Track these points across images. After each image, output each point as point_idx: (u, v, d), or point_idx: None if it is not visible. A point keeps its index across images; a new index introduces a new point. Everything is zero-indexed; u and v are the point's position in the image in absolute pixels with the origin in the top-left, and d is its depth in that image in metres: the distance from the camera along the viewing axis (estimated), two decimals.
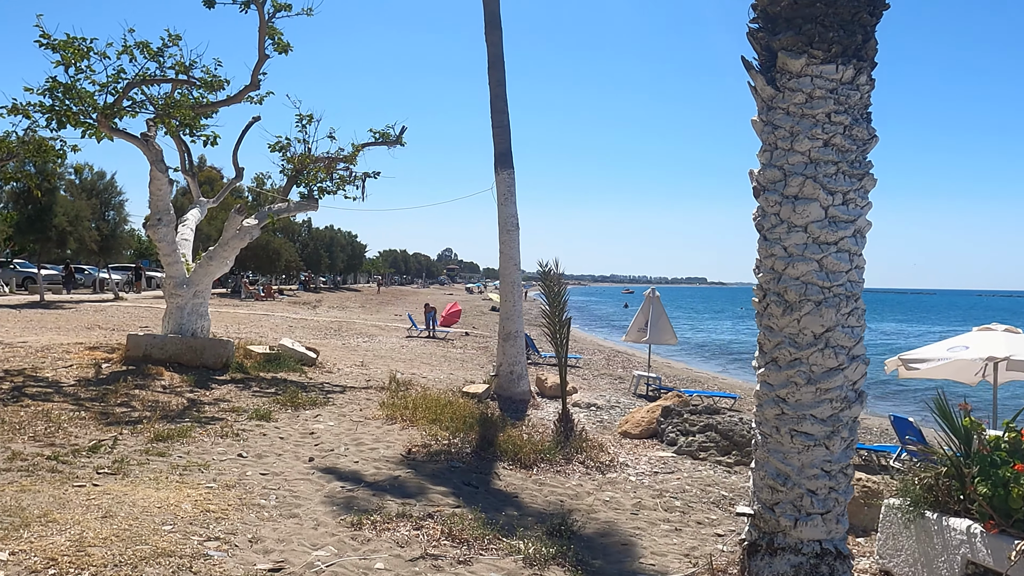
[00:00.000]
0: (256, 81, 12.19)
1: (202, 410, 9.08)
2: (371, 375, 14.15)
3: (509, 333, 12.32)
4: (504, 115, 12.54)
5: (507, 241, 12.38)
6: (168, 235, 12.13)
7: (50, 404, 8.55)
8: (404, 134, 14.19)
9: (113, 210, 34.88)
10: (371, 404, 10.44)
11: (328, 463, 7.06)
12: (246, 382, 11.44)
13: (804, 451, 4.41)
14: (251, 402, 9.90)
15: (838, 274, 4.40)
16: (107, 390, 9.68)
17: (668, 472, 8.39)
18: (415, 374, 15.46)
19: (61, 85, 10.98)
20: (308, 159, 13.17)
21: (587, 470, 7.94)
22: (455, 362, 20.59)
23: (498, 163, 12.52)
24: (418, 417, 9.08)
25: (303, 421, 8.97)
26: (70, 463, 6.22)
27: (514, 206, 12.46)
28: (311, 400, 10.18)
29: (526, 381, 12.42)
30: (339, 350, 19.96)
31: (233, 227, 12.30)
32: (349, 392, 11.48)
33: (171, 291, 12.35)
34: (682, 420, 9.81)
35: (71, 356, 12.09)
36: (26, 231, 29.22)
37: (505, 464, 7.68)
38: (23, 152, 15.51)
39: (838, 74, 4.36)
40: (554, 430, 9.33)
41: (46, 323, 20.60)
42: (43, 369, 10.77)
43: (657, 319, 17.04)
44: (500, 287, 12.54)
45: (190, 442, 7.37)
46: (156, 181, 11.89)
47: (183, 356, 11.89)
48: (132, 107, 11.68)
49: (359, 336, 26.25)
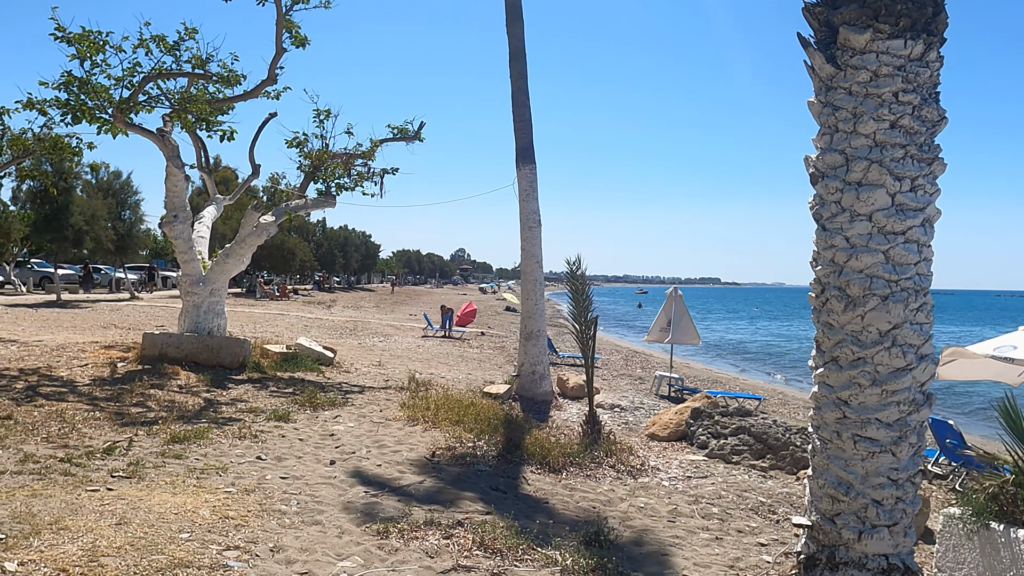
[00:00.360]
0: (273, 75, 11.95)
1: (219, 410, 8.84)
2: (389, 375, 13.89)
3: (531, 332, 12.02)
4: (526, 109, 12.24)
5: (529, 238, 12.08)
6: (184, 232, 11.92)
7: (64, 404, 8.34)
8: (423, 129, 13.92)
9: (129, 209, 34.89)
10: (391, 405, 10.16)
11: (350, 466, 6.78)
12: (263, 382, 11.20)
13: (868, 458, 4.07)
14: (269, 402, 9.65)
15: (906, 266, 4.06)
16: (122, 390, 9.46)
17: (701, 477, 8.05)
18: (433, 374, 15.19)
19: (76, 79, 10.79)
20: (326, 155, 12.91)
21: (618, 474, 7.61)
22: (472, 362, 20.32)
23: (519, 158, 12.22)
24: (440, 418, 8.79)
25: (322, 422, 8.71)
26: (83, 465, 5.98)
27: (536, 202, 12.16)
28: (330, 400, 9.92)
29: (548, 382, 12.11)
30: (356, 350, 19.75)
31: (250, 224, 12.06)
32: (368, 392, 11.21)
33: (187, 289, 12.14)
34: (713, 422, 9.46)
35: (86, 355, 11.90)
36: (43, 231, 29.25)
37: (532, 468, 7.37)
38: (39, 150, 15.41)
39: (906, 50, 4.03)
40: (581, 432, 9.02)
41: (62, 322, 20.52)
42: (58, 368, 10.58)
43: (680, 319, 16.68)
44: (522, 285, 12.25)
45: (207, 444, 7.12)
46: (172, 177, 11.68)
47: (199, 355, 11.68)
48: (148, 102, 11.47)
49: (375, 336, 26.05)
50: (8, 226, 25.66)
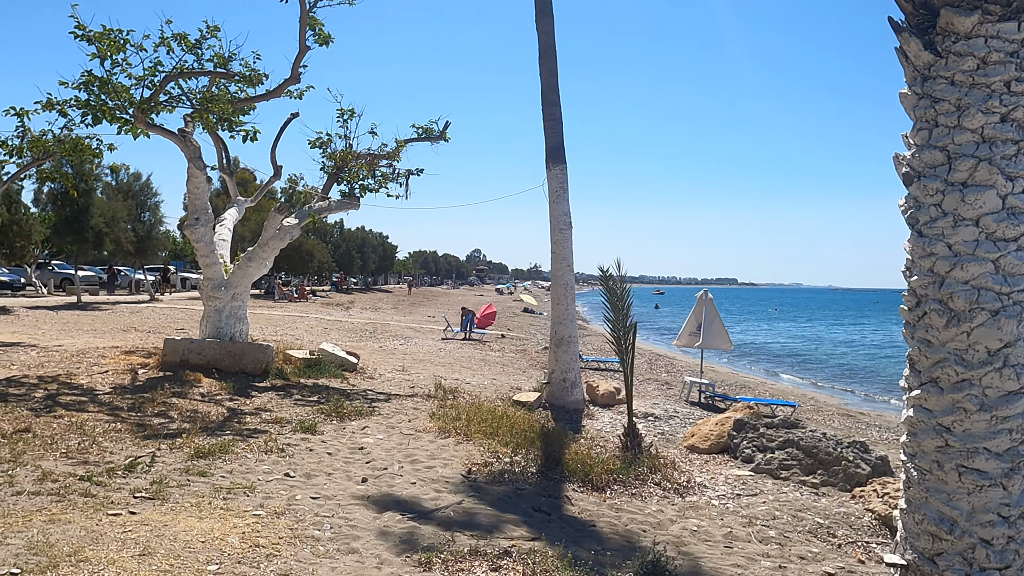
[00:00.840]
0: (296, 74, 11.63)
1: (243, 421, 8.51)
2: (414, 381, 13.53)
3: (562, 338, 11.61)
4: (556, 107, 11.83)
5: (559, 241, 11.67)
6: (206, 235, 11.63)
7: (84, 415, 8.04)
8: (448, 129, 13.56)
9: (149, 211, 34.87)
10: (420, 414, 9.79)
11: (383, 484, 6.41)
12: (287, 389, 10.88)
13: (975, 492, 3.63)
14: (294, 412, 9.32)
15: (1019, 277, 3.61)
16: (143, 399, 9.16)
17: (751, 494, 7.60)
18: (458, 380, 14.82)
19: (97, 79, 10.52)
20: (350, 156, 12.57)
21: (664, 493, 7.19)
22: (495, 366, 19.94)
23: (549, 158, 11.81)
24: (473, 431, 8.41)
25: (350, 434, 8.35)
26: (104, 485, 5.65)
27: (567, 204, 11.74)
28: (356, 410, 9.57)
29: (580, 389, 11.70)
30: (377, 353, 19.43)
31: (273, 227, 11.75)
32: (395, 400, 10.85)
33: (209, 293, 11.85)
34: (758, 435, 9.00)
35: (107, 361, 11.64)
36: (63, 233, 29.23)
37: (574, 486, 6.96)
38: (59, 151, 15.21)
39: (1020, 34, 3.58)
40: (620, 445, 8.59)
41: (82, 325, 20.37)
42: (78, 375, 10.31)
43: (710, 323, 16.19)
44: (552, 289, 11.84)
45: (233, 459, 6.77)
46: (194, 179, 11.39)
47: (221, 361, 11.38)
48: (169, 102, 11.19)
49: (395, 338, 25.74)
50: (29, 228, 25.63)
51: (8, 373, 10.28)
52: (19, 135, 14.96)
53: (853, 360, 34.81)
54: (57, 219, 29.33)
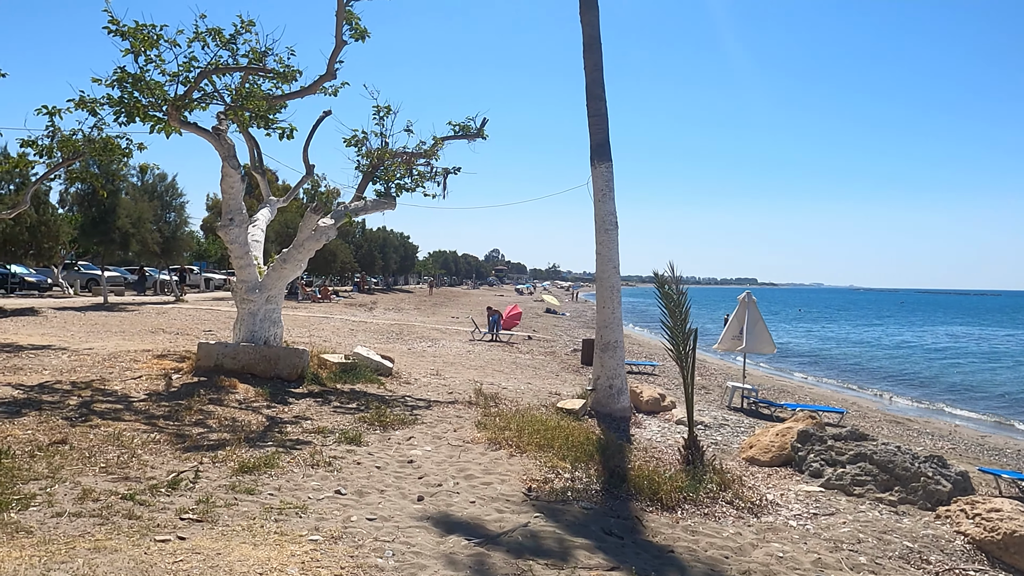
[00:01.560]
0: (332, 70, 11.25)
1: (285, 431, 8.13)
2: (451, 386, 13.12)
3: (608, 343, 11.13)
4: (601, 102, 11.36)
5: (605, 241, 11.20)
6: (240, 236, 11.29)
7: (121, 424, 7.70)
8: (485, 126, 13.12)
9: (174, 212, 34.81)
10: (464, 423, 9.37)
11: (441, 504, 5.98)
12: (324, 396, 10.51)
13: None
14: (335, 420, 8.92)
15: None
16: (180, 406, 8.82)
17: (828, 514, 7.09)
18: (493, 384, 14.40)
19: (130, 76, 10.21)
20: (387, 154, 12.18)
21: (738, 512, 6.70)
22: (527, 369, 19.50)
23: (594, 155, 11.35)
24: (526, 442, 7.96)
25: (396, 445, 7.94)
26: (148, 504, 5.27)
27: (613, 203, 11.28)
28: (399, 419, 9.16)
29: (627, 397, 11.22)
30: (407, 356, 19.07)
31: (308, 227, 11.38)
32: (436, 408, 10.44)
33: (243, 296, 11.51)
34: (826, 447, 8.47)
35: (139, 366, 11.35)
36: (90, 233, 29.20)
37: (643, 505, 6.50)
38: (89, 151, 14.98)
39: None
40: (681, 458, 8.10)
41: (110, 326, 20.21)
42: (111, 381, 10.01)
43: (753, 325, 15.64)
44: (597, 292, 11.37)
45: (279, 474, 6.39)
46: (228, 178, 11.05)
47: (256, 366, 11.03)
48: (203, 99, 10.85)
49: (422, 340, 25.39)
50: (56, 229, 25.55)
51: (41, 378, 10.00)
52: (49, 135, 14.76)
53: (887, 362, 33.97)
54: (84, 220, 29.32)
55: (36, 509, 4.99)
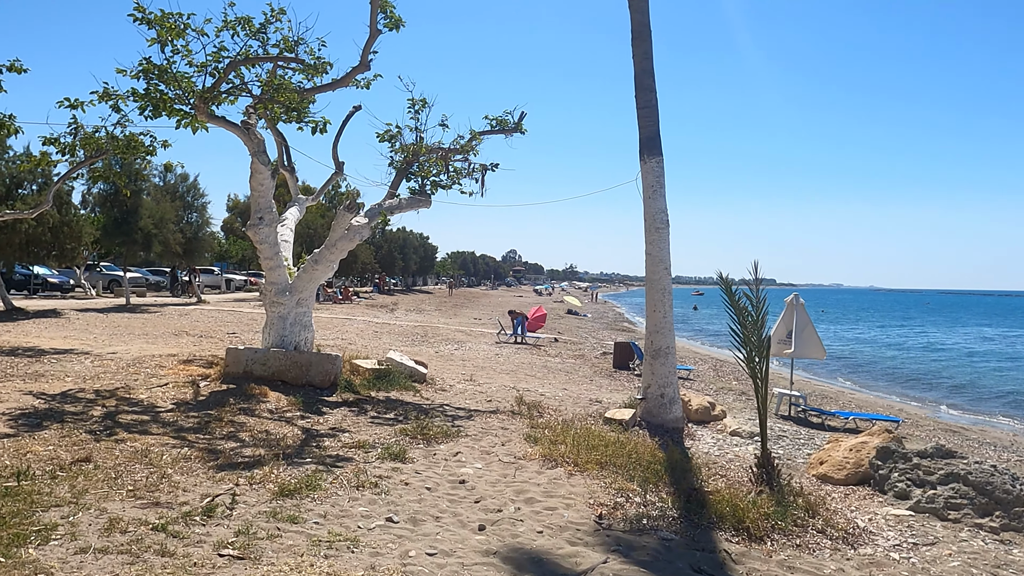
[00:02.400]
0: (366, 61, 10.67)
1: (323, 445, 7.53)
2: (488, 393, 12.50)
3: (659, 349, 10.44)
4: (651, 93, 10.68)
5: (655, 241, 10.51)
6: (270, 236, 10.73)
7: (148, 438, 7.13)
8: (524, 120, 12.48)
9: (196, 212, 34.52)
10: (512, 436, 8.72)
11: (505, 534, 5.34)
12: (360, 405, 9.91)
13: None
14: (374, 433, 8.31)
15: None
16: (210, 417, 8.26)
17: (928, 544, 6.37)
18: (529, 390, 13.76)
19: (156, 67, 9.67)
20: (423, 149, 11.56)
21: (832, 543, 6.00)
22: (559, 374, 18.85)
23: (644, 149, 10.66)
24: (584, 459, 7.30)
25: (443, 461, 7.32)
26: (182, 537, 4.67)
27: (664, 200, 10.58)
28: (442, 431, 8.53)
29: (679, 406, 10.52)
30: (435, 360, 18.49)
31: (341, 227, 10.79)
32: (478, 418, 9.80)
33: (272, 299, 10.95)
34: (911, 465, 7.74)
35: (165, 372, 10.82)
36: (112, 234, 28.92)
37: (727, 535, 5.81)
38: (112, 148, 14.53)
39: None
40: (752, 478, 7.41)
41: (133, 329, 19.80)
42: (136, 389, 9.47)
43: (802, 329, 14.86)
44: (647, 295, 10.68)
45: (323, 497, 5.78)
46: (257, 175, 10.50)
47: (287, 373, 10.47)
48: (231, 91, 10.31)
49: (448, 343, 24.82)
50: (79, 229, 25.23)
51: (63, 386, 9.49)
52: (71, 132, 14.33)
53: (925, 366, 32.92)
54: (106, 220, 29.05)
55: (58, 543, 4.41)
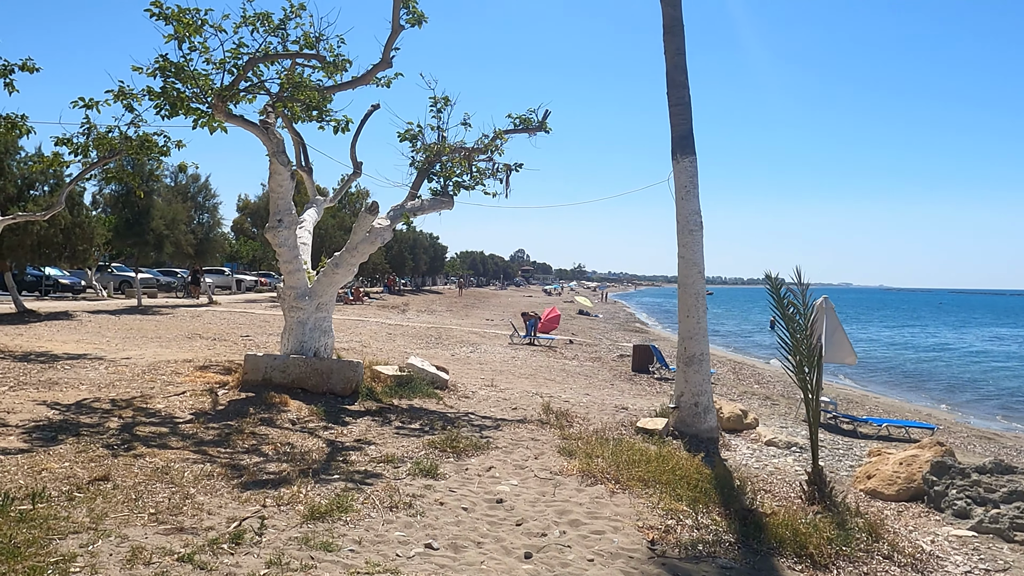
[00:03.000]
0: (388, 58, 10.32)
1: (349, 460, 7.17)
2: (511, 399, 12.13)
3: (693, 356, 10.05)
4: (684, 90, 10.28)
5: (689, 243, 10.12)
6: (289, 239, 10.39)
7: (168, 452, 6.80)
8: (548, 119, 12.10)
9: (207, 213, 34.30)
10: (544, 448, 8.35)
11: (553, 562, 4.96)
12: (383, 414, 9.56)
13: None
14: (401, 445, 7.96)
15: None
16: (230, 428, 7.93)
17: (1000, 569, 5.95)
18: (550, 396, 13.40)
19: (172, 64, 9.35)
20: (447, 148, 11.19)
21: (900, 569, 5.59)
22: (579, 377, 18.48)
23: (676, 148, 10.27)
24: (626, 476, 6.92)
25: (477, 477, 6.95)
26: (210, 568, 4.32)
27: (697, 200, 10.19)
28: (471, 443, 8.16)
29: (714, 416, 10.12)
30: (452, 363, 18.14)
31: (363, 229, 10.45)
32: (506, 428, 9.43)
33: (291, 303, 10.61)
34: (970, 481, 7.32)
35: (181, 379, 10.50)
36: (124, 235, 28.72)
37: (789, 562, 5.41)
38: (126, 148, 14.25)
39: None
40: (803, 495, 7.00)
41: (146, 332, 19.54)
42: (153, 398, 9.14)
43: (832, 333, 14.39)
44: (680, 299, 10.29)
45: (356, 520, 5.41)
46: (277, 176, 10.16)
47: (308, 380, 10.13)
48: (250, 89, 9.97)
49: (462, 345, 24.48)
50: (91, 231, 25.01)
51: (78, 395, 9.18)
52: (84, 132, 14.05)
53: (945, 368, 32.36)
54: (118, 221, 28.83)
55: None
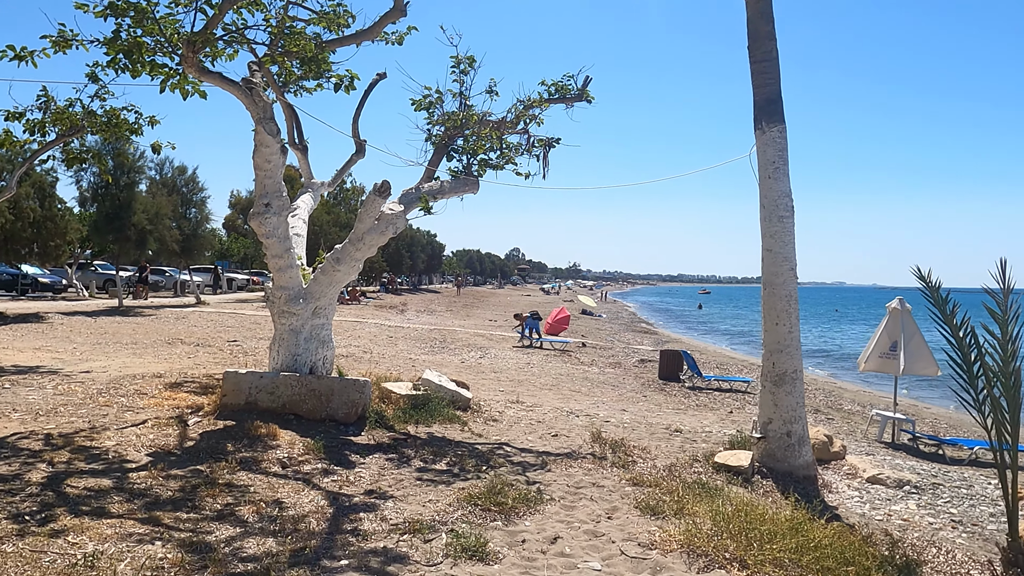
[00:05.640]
0: (402, 4, 8.27)
1: (361, 530, 5.14)
2: (546, 421, 10.13)
3: (784, 374, 8.05)
4: (771, 42, 8.28)
5: (778, 233, 8.12)
6: (279, 228, 8.35)
7: (104, 525, 4.76)
8: (589, 86, 10.07)
9: (195, 208, 32.17)
10: (615, 500, 6.33)
11: None
12: (398, 449, 7.52)
13: None
14: (428, 500, 5.93)
15: None
16: (199, 478, 5.89)
17: None
18: (587, 414, 11.44)
19: (130, 4, 7.29)
20: (474, 117, 9.13)
21: None
22: (605, 387, 16.51)
23: (761, 115, 8.28)
24: (753, 556, 4.91)
25: (540, 555, 4.93)
26: None
27: (787, 179, 8.20)
28: (519, 495, 6.13)
29: (809, 448, 8.12)
30: (466, 372, 16.14)
31: (370, 215, 8.39)
32: (554, 466, 7.41)
33: (282, 307, 8.57)
34: None
35: (144, 403, 8.45)
36: (103, 230, 26.58)
37: None
38: (89, 125, 12.21)
39: None
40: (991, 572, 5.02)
41: (122, 336, 17.45)
42: (104, 431, 7.08)
43: (910, 340, 12.46)
44: (766, 302, 8.27)
45: None
46: (263, 149, 8.11)
47: (302, 404, 8.10)
48: (230, 40, 7.91)
49: (470, 349, 22.48)
50: (64, 225, 22.92)
51: (5, 426, 7.11)
52: (40, 106, 11.99)
53: None
54: (97, 215, 26.70)
55: None
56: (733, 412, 14.24)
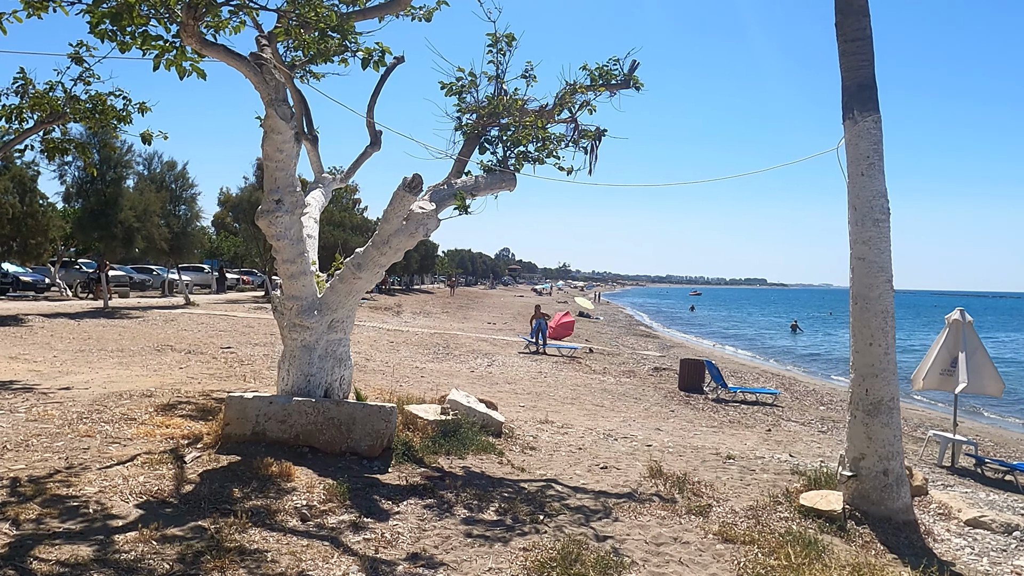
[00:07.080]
0: None
1: None
2: (586, 447, 9.02)
3: (880, 402, 6.94)
4: (864, 18, 7.17)
5: (873, 239, 7.01)
6: (292, 228, 7.16)
7: None
8: (636, 71, 8.93)
9: (185, 204, 30.81)
10: (710, 563, 5.20)
11: None
12: (435, 492, 6.34)
13: None
14: (487, 567, 4.76)
15: None
16: (201, 539, 4.70)
17: None
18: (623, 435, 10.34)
19: None
20: (516, 103, 7.95)
21: None
22: (628, 401, 15.41)
23: (852, 102, 7.17)
24: None
25: None
26: None
27: (882, 177, 7.09)
28: (597, 559, 4.99)
29: (907, 489, 7.00)
30: (479, 384, 15.02)
31: (398, 214, 7.22)
32: (620, 513, 6.26)
33: (293, 320, 7.37)
34: None
35: (133, 430, 7.24)
36: (88, 227, 25.19)
37: None
38: (72, 112, 11.02)
39: None
40: None
41: (106, 342, 16.17)
42: (83, 474, 5.86)
43: (973, 355, 11.41)
44: (857, 318, 7.15)
45: None
46: (275, 136, 6.92)
47: (318, 436, 6.91)
48: (236, 8, 6.71)
49: (476, 355, 21.35)
50: (46, 222, 21.56)
51: None
52: (17, 90, 10.77)
53: None
54: (82, 212, 25.31)
55: None
56: (771, 430, 13.17)
